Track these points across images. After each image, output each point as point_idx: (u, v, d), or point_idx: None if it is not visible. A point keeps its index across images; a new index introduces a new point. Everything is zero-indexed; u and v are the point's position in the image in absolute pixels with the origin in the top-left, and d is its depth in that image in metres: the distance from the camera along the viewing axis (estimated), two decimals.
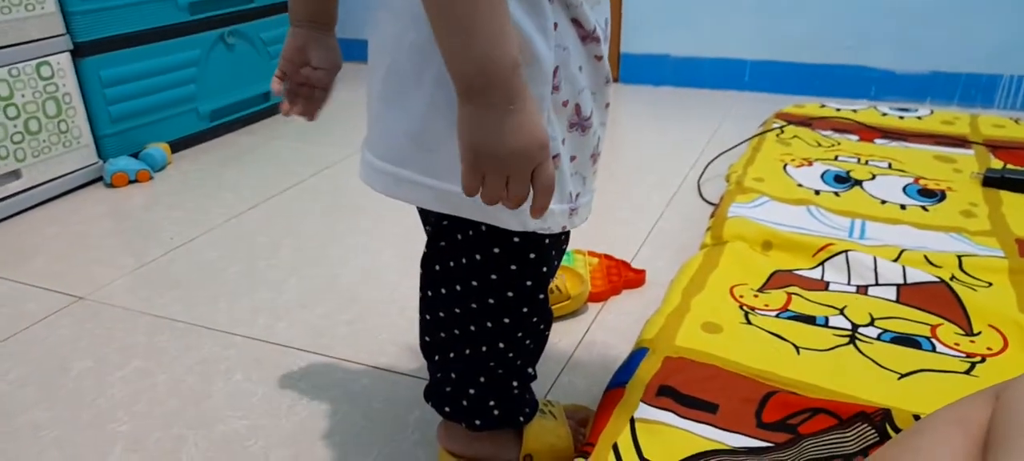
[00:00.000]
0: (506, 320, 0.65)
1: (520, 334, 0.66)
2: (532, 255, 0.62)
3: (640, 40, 2.30)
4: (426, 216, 0.68)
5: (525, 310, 0.65)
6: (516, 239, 0.61)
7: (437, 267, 0.65)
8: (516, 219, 0.57)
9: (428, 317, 0.68)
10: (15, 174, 1.49)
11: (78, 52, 1.57)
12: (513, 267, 0.62)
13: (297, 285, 1.17)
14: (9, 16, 1.43)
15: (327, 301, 1.12)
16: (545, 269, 0.65)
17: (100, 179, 1.64)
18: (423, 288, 0.67)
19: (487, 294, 0.63)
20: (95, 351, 1.01)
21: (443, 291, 0.65)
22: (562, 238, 0.68)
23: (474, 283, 0.63)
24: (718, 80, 2.25)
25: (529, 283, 0.64)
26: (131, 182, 1.63)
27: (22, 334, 1.06)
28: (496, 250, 0.61)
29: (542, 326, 0.69)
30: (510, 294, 0.63)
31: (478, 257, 0.62)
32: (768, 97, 2.15)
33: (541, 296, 0.66)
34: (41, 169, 1.53)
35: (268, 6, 2.01)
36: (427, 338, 0.70)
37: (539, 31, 0.52)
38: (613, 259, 1.15)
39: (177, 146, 1.81)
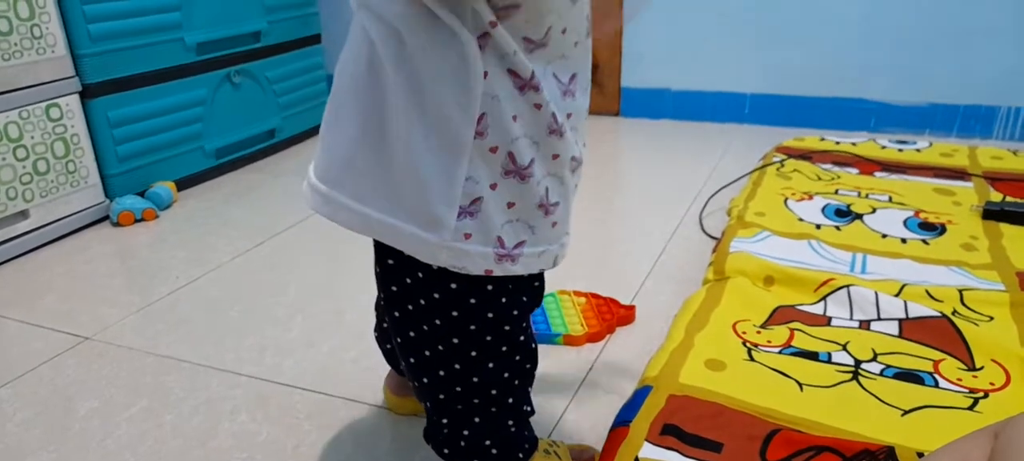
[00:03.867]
0: (481, 358, 0.65)
1: (501, 372, 0.66)
2: (489, 286, 0.62)
3: (640, 74, 2.33)
4: (376, 259, 0.67)
5: (500, 347, 0.65)
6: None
7: (397, 314, 0.66)
8: (428, 250, 0.58)
9: (411, 360, 0.68)
10: (23, 214, 1.50)
11: (87, 93, 1.59)
12: (473, 301, 0.62)
13: (303, 323, 1.18)
14: (21, 60, 1.45)
15: (333, 338, 1.13)
16: (506, 300, 0.64)
17: (106, 218, 1.66)
18: (394, 335, 0.68)
19: (454, 333, 0.64)
20: (101, 391, 1.02)
21: (412, 334, 0.66)
22: (532, 277, 0.67)
23: (438, 322, 0.63)
24: (718, 113, 2.27)
25: (492, 315, 0.63)
26: (137, 221, 1.64)
27: (29, 375, 1.07)
28: (453, 286, 0.62)
29: (524, 362, 0.68)
30: (475, 329, 0.63)
31: (436, 296, 0.62)
32: (768, 129, 2.18)
33: (513, 329, 0.65)
34: (49, 209, 1.54)
35: (274, 46, 2.04)
36: (414, 382, 0.70)
37: (454, 79, 0.54)
38: (601, 297, 1.16)
39: (183, 184, 1.83)
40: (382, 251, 0.64)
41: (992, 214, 1.32)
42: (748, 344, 0.95)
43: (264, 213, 1.68)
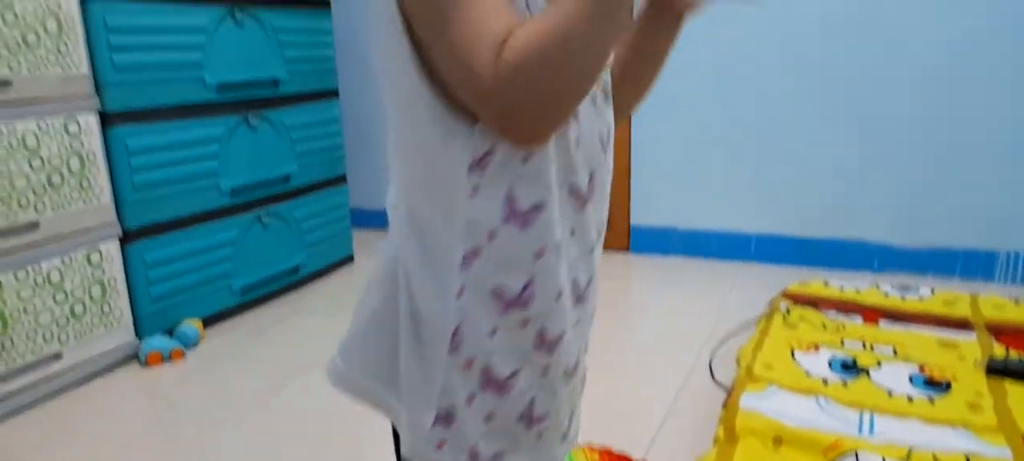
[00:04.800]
0: None
1: None
2: None
3: (649, 212, 2.43)
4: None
5: None
6: None
7: None
8: (413, 442, 0.59)
9: None
10: (57, 357, 1.56)
11: (126, 238, 1.69)
12: None
13: None
14: (70, 209, 1.56)
15: None
16: None
17: (135, 356, 1.72)
18: None
19: None
20: None
21: None
22: None
23: None
24: (724, 251, 2.35)
25: None
26: (164, 360, 1.70)
27: None
28: None
29: None
30: None
31: None
32: (774, 269, 2.24)
33: None
34: (81, 350, 1.61)
35: (303, 187, 2.16)
36: None
37: (435, 291, 0.56)
38: (614, 454, 1.19)
39: (209, 321, 1.90)
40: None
41: (996, 370, 1.35)
42: None
43: (287, 352, 1.74)
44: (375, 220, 2.80)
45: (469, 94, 0.50)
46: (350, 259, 2.42)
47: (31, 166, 1.48)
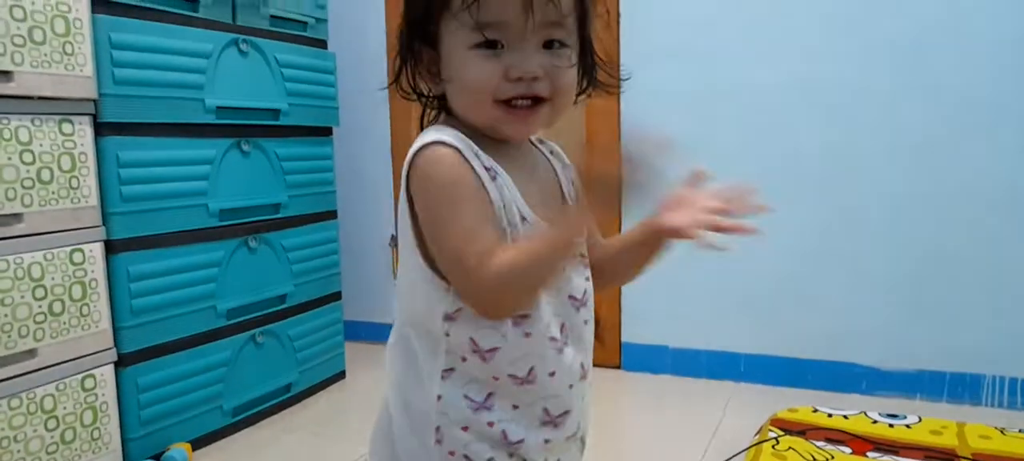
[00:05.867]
0: None
1: None
2: None
3: (640, 330, 2.46)
4: None
5: None
6: None
7: None
8: None
9: None
10: None
11: (121, 362, 1.70)
12: None
13: None
14: (67, 336, 1.58)
15: None
16: None
17: None
18: None
19: None
20: None
21: None
22: None
23: None
24: (715, 371, 2.36)
25: None
26: None
27: None
28: None
29: None
30: None
31: None
32: (763, 389, 2.26)
33: None
34: None
35: (298, 305, 2.19)
36: None
37: (421, 398, 0.74)
38: None
39: (198, 443, 1.89)
40: None
41: None
42: None
43: None
44: (366, 332, 2.82)
45: (455, 282, 0.70)
46: (342, 375, 2.42)
47: (34, 296, 1.52)
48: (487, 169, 0.71)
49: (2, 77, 1.46)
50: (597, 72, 0.79)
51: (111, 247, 1.67)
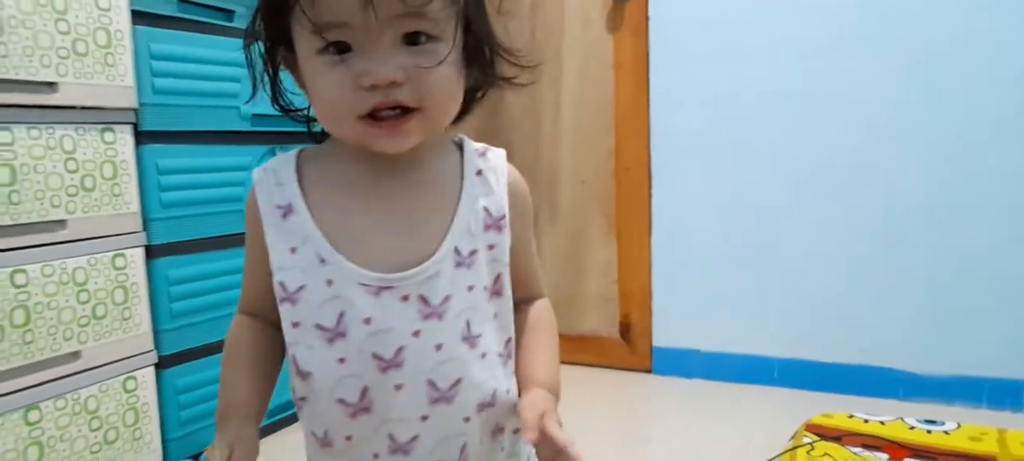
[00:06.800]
0: None
1: None
2: None
3: (671, 334, 2.45)
4: None
5: None
6: None
7: None
8: None
9: None
10: None
11: (161, 364, 1.75)
12: None
13: None
14: (110, 339, 1.63)
15: None
16: None
17: None
18: None
19: None
20: None
21: None
22: None
23: None
24: (747, 375, 2.34)
25: None
26: None
27: None
28: None
29: None
30: None
31: None
32: (798, 394, 2.23)
33: None
34: None
35: None
36: None
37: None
38: None
39: None
40: None
41: None
42: None
43: None
44: None
45: None
46: None
47: (78, 299, 1.57)
48: (280, 207, 0.65)
49: (47, 88, 1.50)
50: (496, 64, 0.67)
51: (151, 252, 1.72)
